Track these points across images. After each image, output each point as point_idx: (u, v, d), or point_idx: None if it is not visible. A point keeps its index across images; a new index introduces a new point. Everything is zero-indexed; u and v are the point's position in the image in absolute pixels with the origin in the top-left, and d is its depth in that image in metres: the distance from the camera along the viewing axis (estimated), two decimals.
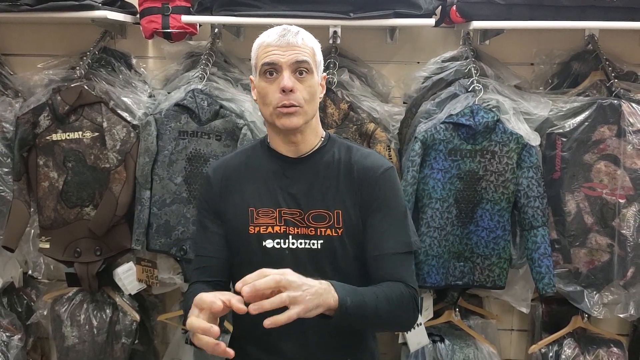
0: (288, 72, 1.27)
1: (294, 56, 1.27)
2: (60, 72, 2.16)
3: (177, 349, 2.30)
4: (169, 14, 2.06)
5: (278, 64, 1.27)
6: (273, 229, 1.34)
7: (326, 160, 1.37)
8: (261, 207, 1.35)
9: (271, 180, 1.37)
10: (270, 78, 1.29)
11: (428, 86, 2.11)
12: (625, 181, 1.97)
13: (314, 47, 1.33)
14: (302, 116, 1.29)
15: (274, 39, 1.29)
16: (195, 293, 1.20)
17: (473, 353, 2.16)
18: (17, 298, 2.39)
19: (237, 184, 1.39)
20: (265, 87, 1.30)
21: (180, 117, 2.03)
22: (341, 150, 1.39)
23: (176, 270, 2.16)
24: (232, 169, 1.41)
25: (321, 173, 1.36)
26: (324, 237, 1.32)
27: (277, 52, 1.27)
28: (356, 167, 1.35)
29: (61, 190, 2.10)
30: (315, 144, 1.38)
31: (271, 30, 1.32)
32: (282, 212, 1.34)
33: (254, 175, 1.39)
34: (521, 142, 1.92)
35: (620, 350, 2.17)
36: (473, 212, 1.98)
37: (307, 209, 1.33)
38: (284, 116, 1.28)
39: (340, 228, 1.33)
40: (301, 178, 1.36)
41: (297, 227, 1.33)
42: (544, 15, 1.90)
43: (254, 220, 1.35)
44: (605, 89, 2.05)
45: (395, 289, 1.28)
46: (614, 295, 2.04)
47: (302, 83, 1.28)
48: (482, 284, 2.02)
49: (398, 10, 1.91)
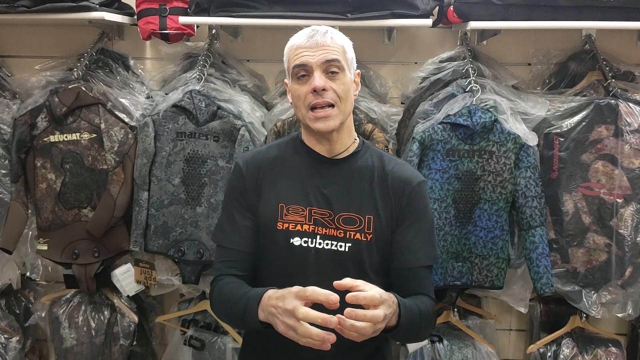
0: (319, 71, 1.27)
1: (324, 55, 1.27)
2: (57, 74, 2.15)
3: (176, 350, 2.29)
4: (166, 15, 2.05)
5: (308, 64, 1.27)
6: (302, 227, 1.33)
7: (361, 165, 1.37)
8: (291, 204, 1.34)
9: (305, 177, 1.36)
10: (302, 80, 1.29)
11: (426, 86, 2.12)
12: (622, 181, 1.97)
13: (344, 45, 1.32)
14: (337, 117, 1.29)
15: (303, 41, 1.29)
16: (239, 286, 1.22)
17: (471, 353, 2.16)
18: (15, 300, 2.39)
19: (270, 178, 1.38)
20: (297, 88, 1.30)
21: (178, 118, 2.02)
22: (374, 157, 1.39)
23: (174, 272, 2.16)
24: (267, 163, 1.40)
25: (356, 177, 1.36)
26: (352, 240, 1.32)
27: (307, 53, 1.28)
28: (390, 177, 1.36)
29: (59, 192, 2.10)
30: (349, 145, 1.38)
31: (300, 32, 1.33)
32: (312, 211, 1.33)
33: (288, 171, 1.38)
34: (519, 142, 1.92)
35: (619, 350, 2.17)
36: (471, 212, 1.98)
37: (338, 211, 1.33)
38: (318, 120, 1.29)
39: (370, 234, 1.33)
40: (336, 179, 1.36)
41: (325, 227, 1.33)
42: (541, 15, 1.90)
43: (283, 217, 1.34)
44: (603, 88, 2.06)
45: (427, 305, 1.31)
46: (612, 294, 2.04)
47: (334, 82, 1.28)
48: (481, 284, 2.02)
49: (395, 10, 1.92)
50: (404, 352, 2.20)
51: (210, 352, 2.21)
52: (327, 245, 1.32)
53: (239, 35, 2.27)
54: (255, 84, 2.23)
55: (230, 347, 2.20)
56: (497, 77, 2.09)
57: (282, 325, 1.11)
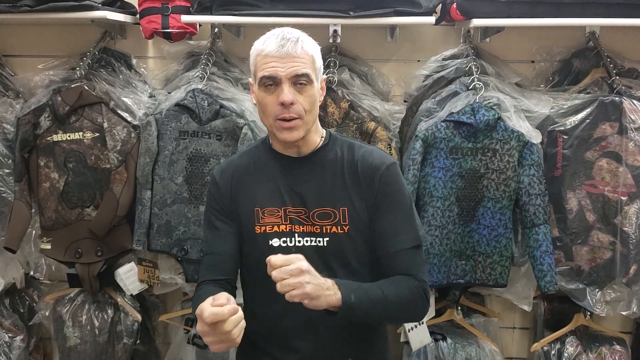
0: (287, 84, 1.27)
1: (294, 69, 1.26)
2: (60, 73, 2.16)
3: (179, 349, 2.30)
4: (168, 14, 2.06)
5: (277, 77, 1.26)
6: (279, 227, 1.35)
7: (330, 159, 1.38)
8: (267, 207, 1.36)
9: (277, 179, 1.38)
10: (269, 89, 1.28)
11: (429, 84, 2.11)
12: (627, 178, 1.96)
13: (313, 55, 1.31)
14: (302, 128, 1.30)
15: (272, 49, 1.27)
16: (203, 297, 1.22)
17: (475, 351, 2.16)
18: (19, 299, 2.40)
19: (245, 185, 1.40)
20: (264, 97, 1.30)
21: (181, 117, 2.02)
22: (343, 148, 1.39)
23: (177, 271, 2.16)
24: (240, 170, 1.42)
25: (326, 171, 1.37)
26: (329, 234, 1.34)
27: (276, 65, 1.26)
28: (360, 164, 1.36)
29: (62, 191, 2.10)
30: (317, 143, 1.39)
31: (270, 36, 1.30)
32: (287, 210, 1.35)
33: (260, 175, 1.40)
34: (522, 140, 1.91)
35: (623, 348, 2.16)
36: (474, 210, 1.97)
37: (312, 207, 1.35)
38: (284, 130, 1.29)
39: (346, 225, 1.34)
40: (306, 176, 1.37)
41: (302, 225, 1.35)
42: (545, 12, 1.89)
43: (260, 220, 1.36)
44: (607, 86, 2.05)
45: (403, 282, 1.31)
46: (616, 292, 2.04)
47: (302, 94, 1.28)
48: (484, 282, 2.01)
49: (398, 8, 1.91)
50: (407, 351, 2.20)
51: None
52: (307, 243, 1.34)
53: (241, 34, 2.26)
54: None
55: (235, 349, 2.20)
56: (500, 75, 2.09)
57: (210, 345, 1.13)
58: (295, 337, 1.36)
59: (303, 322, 1.35)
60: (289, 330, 1.36)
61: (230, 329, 1.09)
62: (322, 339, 1.36)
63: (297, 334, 1.36)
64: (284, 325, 1.36)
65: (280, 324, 1.37)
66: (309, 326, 1.35)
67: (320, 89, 1.35)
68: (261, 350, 1.41)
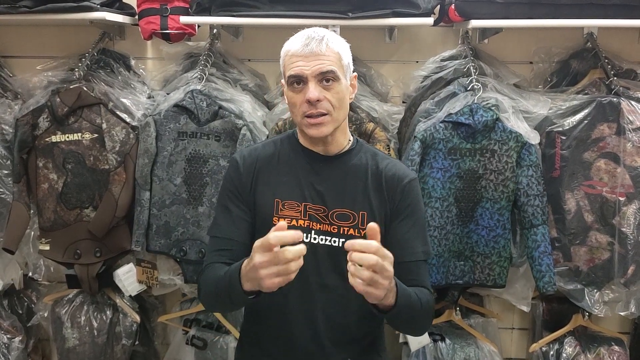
0: (313, 82, 1.28)
1: (318, 67, 1.28)
2: (59, 74, 2.15)
3: (178, 350, 2.30)
4: (167, 15, 2.06)
5: (303, 75, 1.28)
6: (297, 222, 1.35)
7: (355, 163, 1.39)
8: (287, 200, 1.37)
9: (301, 174, 1.38)
10: (297, 88, 1.30)
11: (427, 85, 2.11)
12: (625, 179, 1.96)
13: (339, 52, 1.32)
14: (330, 124, 1.31)
15: (298, 49, 1.29)
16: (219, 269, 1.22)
17: (474, 352, 2.16)
18: (18, 300, 2.40)
19: (267, 174, 1.40)
20: (293, 96, 1.32)
21: (180, 118, 2.02)
22: (368, 155, 1.41)
23: (176, 272, 2.16)
24: (264, 159, 1.41)
25: (350, 174, 1.38)
26: (346, 236, 1.34)
27: (302, 63, 1.28)
28: (384, 174, 1.38)
29: (61, 192, 2.10)
30: (344, 145, 1.40)
31: (297, 36, 1.33)
32: (307, 206, 1.36)
33: (284, 168, 1.40)
34: (521, 141, 1.92)
35: (621, 348, 2.16)
36: (473, 211, 1.97)
37: (332, 207, 1.36)
38: (312, 127, 1.31)
39: (363, 229, 1.34)
40: (330, 176, 1.38)
41: (320, 223, 1.36)
42: (543, 13, 1.89)
43: (279, 212, 1.36)
44: (605, 86, 2.05)
45: (426, 295, 1.33)
46: (614, 293, 2.04)
47: (329, 91, 1.29)
48: (483, 282, 2.02)
49: (396, 9, 1.91)
50: (406, 351, 2.20)
51: (213, 351, 2.21)
52: (322, 241, 1.35)
53: (240, 35, 2.26)
54: (257, 84, 2.23)
55: (233, 347, 2.20)
56: (498, 76, 2.09)
57: (265, 279, 1.08)
58: (294, 335, 1.37)
59: (303, 321, 1.36)
60: (288, 329, 1.37)
61: (292, 257, 1.06)
62: (321, 338, 1.36)
63: (296, 332, 1.36)
64: (283, 323, 1.37)
65: (280, 322, 1.37)
66: (308, 325, 1.36)
67: (350, 85, 1.36)
68: (260, 348, 1.42)
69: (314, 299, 1.35)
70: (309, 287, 1.35)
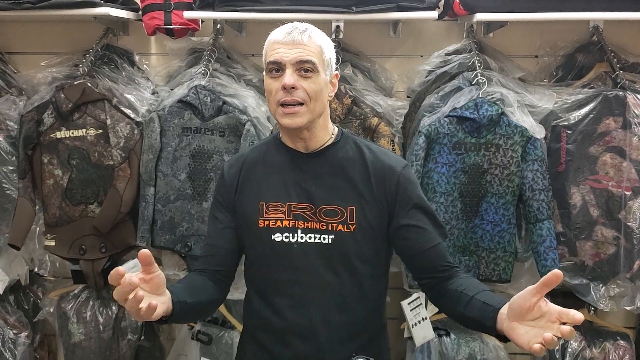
0: (291, 69, 1.27)
1: (298, 55, 1.27)
2: (63, 70, 2.16)
3: (183, 345, 2.30)
4: (171, 10, 2.05)
5: (282, 62, 1.28)
6: (282, 222, 1.35)
7: (341, 156, 1.38)
8: (272, 201, 1.37)
9: (285, 173, 1.38)
10: (275, 75, 1.30)
11: (432, 80, 2.10)
12: (631, 173, 1.95)
13: (321, 45, 1.31)
14: (305, 116, 1.29)
15: (280, 37, 1.30)
16: (182, 282, 1.30)
17: (479, 347, 2.15)
18: (24, 296, 2.41)
19: (252, 178, 1.41)
20: (270, 83, 1.31)
21: (184, 113, 2.02)
22: (355, 147, 1.39)
23: (181, 267, 2.16)
24: (249, 164, 1.43)
25: (336, 169, 1.37)
26: (335, 232, 1.33)
27: (282, 50, 1.28)
28: (372, 166, 1.36)
29: (66, 188, 2.10)
30: (326, 140, 1.39)
31: (281, 27, 1.33)
32: (291, 206, 1.35)
33: (269, 170, 1.40)
34: (526, 135, 1.91)
35: (627, 343, 2.16)
36: (478, 206, 1.97)
37: (319, 204, 1.34)
38: (286, 116, 1.29)
39: (353, 224, 1.34)
40: (315, 172, 1.37)
41: (306, 221, 1.34)
42: (548, 6, 1.89)
43: (264, 214, 1.37)
44: (611, 80, 2.04)
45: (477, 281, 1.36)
46: (620, 288, 2.03)
47: (305, 80, 1.28)
48: (488, 277, 2.01)
49: (401, 3, 1.91)
50: (410, 346, 2.20)
51: (218, 346, 2.22)
52: (309, 239, 1.34)
53: (244, 30, 2.26)
54: (260, 79, 2.22)
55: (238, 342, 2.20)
56: (503, 70, 2.08)
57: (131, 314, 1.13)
58: (294, 332, 1.36)
59: (302, 318, 1.35)
60: (288, 326, 1.36)
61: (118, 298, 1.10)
62: (320, 336, 1.35)
63: (295, 329, 1.35)
64: (283, 320, 1.36)
65: (279, 318, 1.37)
66: (308, 323, 1.35)
67: (330, 83, 1.35)
68: (260, 344, 1.41)
69: (309, 297, 1.34)
70: (302, 286, 1.34)
